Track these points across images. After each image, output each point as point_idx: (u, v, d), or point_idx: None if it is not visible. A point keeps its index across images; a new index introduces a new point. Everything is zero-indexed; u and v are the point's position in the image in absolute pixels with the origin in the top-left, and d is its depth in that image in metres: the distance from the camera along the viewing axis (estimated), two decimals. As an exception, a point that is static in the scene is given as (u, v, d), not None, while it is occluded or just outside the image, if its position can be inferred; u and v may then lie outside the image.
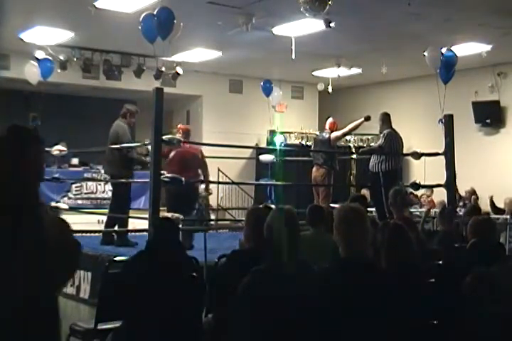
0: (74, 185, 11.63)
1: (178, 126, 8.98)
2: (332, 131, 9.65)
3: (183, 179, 6.79)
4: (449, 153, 7.93)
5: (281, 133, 13.39)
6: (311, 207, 5.34)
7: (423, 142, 10.51)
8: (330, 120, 9.82)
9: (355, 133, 13.73)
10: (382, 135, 8.64)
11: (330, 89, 12.37)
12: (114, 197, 8.47)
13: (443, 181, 8.02)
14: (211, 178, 10.63)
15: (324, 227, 5.11)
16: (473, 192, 11.54)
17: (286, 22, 8.95)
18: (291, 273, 2.95)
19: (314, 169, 9.53)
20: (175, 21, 7.69)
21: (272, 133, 13.47)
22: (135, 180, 8.07)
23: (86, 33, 9.76)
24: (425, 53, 9.35)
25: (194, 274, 3.85)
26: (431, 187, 9.90)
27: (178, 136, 8.33)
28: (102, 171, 11.90)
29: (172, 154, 8.18)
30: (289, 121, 13.71)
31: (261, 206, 5.06)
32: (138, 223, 8.19)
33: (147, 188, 7.03)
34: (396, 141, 8.63)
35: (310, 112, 14.52)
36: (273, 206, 7.27)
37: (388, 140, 8.54)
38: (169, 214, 7.15)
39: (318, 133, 11.35)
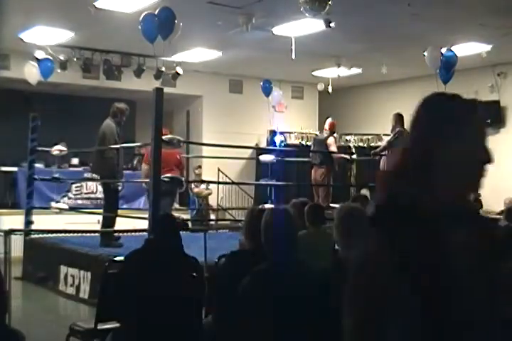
0: (74, 185, 11.64)
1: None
2: (332, 132, 9.66)
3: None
4: (449, 153, 7.94)
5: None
6: (310, 206, 5.34)
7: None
8: (329, 120, 9.83)
9: (355, 133, 13.76)
10: (393, 133, 8.70)
11: (330, 89, 12.37)
12: (105, 198, 8.55)
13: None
14: (211, 178, 10.67)
15: (323, 226, 5.13)
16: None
17: (286, 22, 8.95)
18: (291, 273, 2.95)
19: (313, 170, 9.56)
20: (176, 21, 7.70)
21: (272, 133, 13.48)
22: (135, 180, 8.10)
23: (86, 33, 9.75)
24: (425, 53, 9.35)
25: (194, 274, 3.85)
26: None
27: None
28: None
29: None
30: (289, 121, 13.71)
31: (260, 206, 5.07)
32: (138, 223, 8.21)
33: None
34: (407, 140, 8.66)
35: (310, 112, 14.53)
36: (268, 206, 7.29)
37: (399, 137, 8.59)
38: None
39: (318, 133, 11.38)
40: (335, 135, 13.43)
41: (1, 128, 12.13)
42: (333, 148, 9.53)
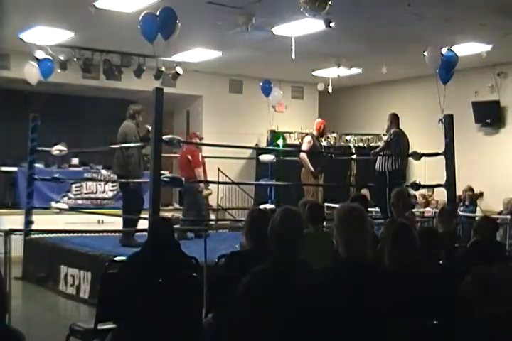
0: (74, 185, 11.63)
1: (192, 133, 9.89)
2: (319, 133, 9.62)
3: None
4: (449, 153, 7.95)
5: (281, 135, 13.39)
6: (310, 206, 5.35)
7: (423, 142, 10.52)
8: (318, 120, 9.84)
9: (355, 133, 13.76)
10: (389, 133, 8.70)
11: (330, 89, 12.37)
12: (123, 197, 8.51)
13: (443, 181, 8.04)
14: (211, 178, 10.67)
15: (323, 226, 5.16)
16: (468, 189, 11.60)
17: (286, 22, 8.95)
18: (291, 273, 2.95)
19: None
20: (177, 21, 7.70)
21: (272, 133, 13.48)
22: (135, 180, 8.09)
23: (86, 33, 9.75)
24: (425, 53, 9.35)
25: (194, 274, 3.85)
26: (431, 187, 9.92)
27: (194, 141, 9.53)
28: (103, 171, 11.95)
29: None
30: (289, 121, 13.71)
31: (262, 207, 5.08)
32: (138, 223, 8.22)
33: (147, 188, 7.06)
34: (402, 141, 8.66)
35: (310, 112, 14.52)
36: (269, 206, 7.31)
37: (395, 137, 8.59)
38: (169, 214, 7.19)
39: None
40: (335, 135, 13.47)
41: (1, 128, 12.13)
42: (303, 148, 9.53)
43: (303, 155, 9.33)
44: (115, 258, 4.63)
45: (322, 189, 9.79)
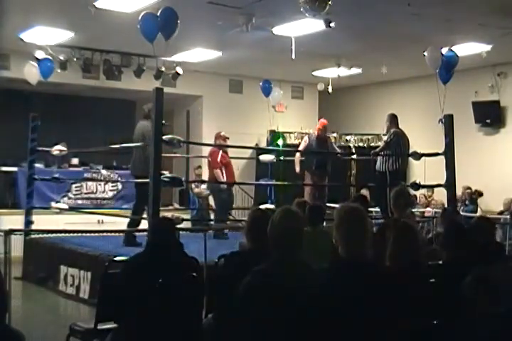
0: (74, 185, 11.63)
1: (217, 133, 9.84)
2: (321, 132, 9.63)
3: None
4: (449, 153, 7.95)
5: (281, 135, 13.38)
6: (310, 206, 5.37)
7: (423, 142, 10.51)
8: (321, 120, 9.85)
9: (355, 133, 13.75)
10: (388, 133, 8.71)
11: (330, 89, 12.37)
12: (136, 197, 8.38)
13: (443, 181, 8.04)
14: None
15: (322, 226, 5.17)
16: (467, 188, 11.61)
17: (286, 22, 8.95)
18: (291, 273, 2.95)
19: None
20: (178, 21, 7.70)
21: (272, 133, 13.47)
22: (136, 180, 8.08)
23: (86, 33, 9.75)
24: (425, 53, 9.35)
25: (194, 274, 3.85)
26: (431, 187, 9.92)
27: (218, 142, 9.54)
28: (103, 171, 11.93)
29: None
30: (289, 121, 13.71)
31: (261, 207, 5.08)
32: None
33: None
34: (402, 141, 8.67)
35: (310, 112, 14.52)
36: (269, 206, 7.30)
37: (395, 138, 8.59)
38: (169, 214, 7.18)
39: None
40: (335, 135, 13.44)
41: (1, 128, 12.13)
42: (300, 148, 9.68)
43: (296, 154, 9.52)
44: (115, 258, 4.63)
45: (326, 189, 9.77)
